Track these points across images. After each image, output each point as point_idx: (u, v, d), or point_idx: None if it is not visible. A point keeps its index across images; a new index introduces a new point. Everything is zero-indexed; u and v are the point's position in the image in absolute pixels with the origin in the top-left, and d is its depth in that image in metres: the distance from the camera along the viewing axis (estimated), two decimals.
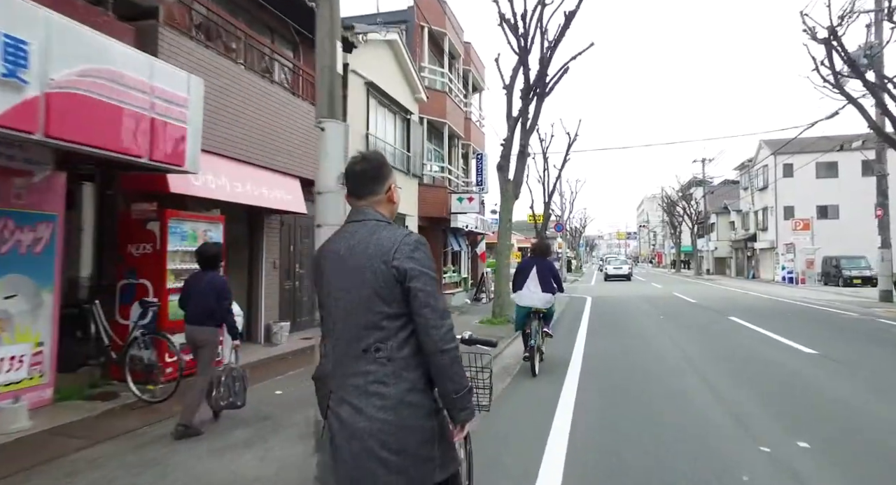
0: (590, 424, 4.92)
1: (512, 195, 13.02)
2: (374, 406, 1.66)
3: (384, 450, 1.64)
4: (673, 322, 12.78)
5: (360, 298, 1.71)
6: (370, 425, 1.65)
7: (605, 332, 11.15)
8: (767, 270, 38.86)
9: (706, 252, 52.56)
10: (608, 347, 9.29)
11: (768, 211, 38.61)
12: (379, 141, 13.45)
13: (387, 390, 1.66)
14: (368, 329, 1.70)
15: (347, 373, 1.72)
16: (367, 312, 1.70)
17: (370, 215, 1.82)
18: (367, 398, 1.67)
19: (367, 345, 1.69)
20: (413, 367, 1.70)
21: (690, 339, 10.10)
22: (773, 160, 36.98)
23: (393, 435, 1.65)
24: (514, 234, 53.16)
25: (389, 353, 1.68)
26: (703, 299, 19.93)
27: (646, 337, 10.46)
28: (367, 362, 1.69)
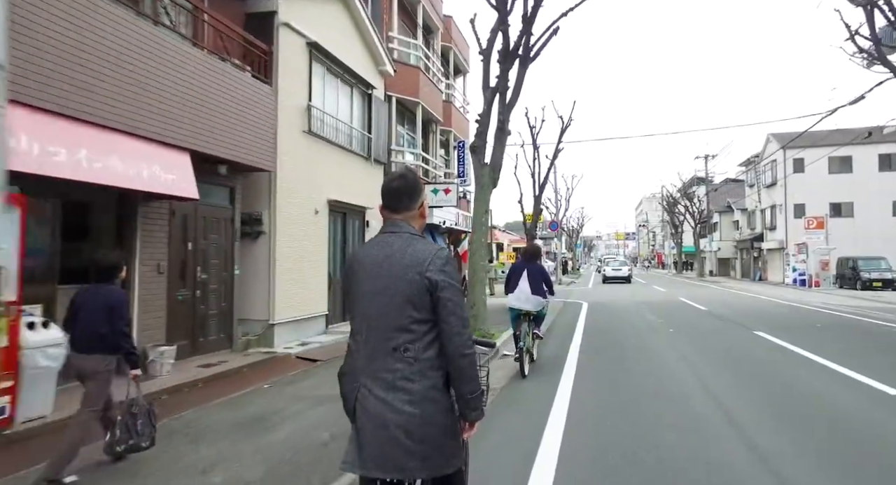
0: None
1: (489, 182, 10.65)
2: (401, 400, 1.89)
3: (409, 439, 1.88)
4: (688, 340, 10.39)
5: (394, 302, 1.94)
6: (397, 417, 1.88)
7: (601, 360, 8.74)
8: (776, 271, 36.51)
9: (709, 253, 50.27)
10: (605, 394, 6.38)
11: (777, 209, 36.28)
12: (328, 117, 11.07)
13: (412, 386, 1.90)
14: (399, 331, 1.93)
15: (377, 368, 1.95)
16: (399, 316, 1.93)
17: (405, 229, 2.08)
18: (395, 393, 1.90)
19: (397, 344, 1.93)
20: (436, 367, 1.95)
21: (719, 372, 7.49)
22: (782, 155, 34.67)
23: (418, 427, 1.89)
24: (508, 234, 51.23)
25: (416, 353, 1.93)
26: (714, 306, 17.55)
27: (658, 369, 7.69)
28: (395, 360, 1.93)
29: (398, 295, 1.93)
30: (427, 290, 1.92)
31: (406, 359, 1.91)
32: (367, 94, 12.87)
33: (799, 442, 4.53)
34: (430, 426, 1.90)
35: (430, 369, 1.93)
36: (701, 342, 10.02)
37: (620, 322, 13.24)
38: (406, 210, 2.11)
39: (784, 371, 7.48)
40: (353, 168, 12.07)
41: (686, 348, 9.30)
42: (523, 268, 7.44)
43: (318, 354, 8.89)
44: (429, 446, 1.90)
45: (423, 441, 1.89)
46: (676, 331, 11.50)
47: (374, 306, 1.98)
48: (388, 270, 1.97)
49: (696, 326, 12.48)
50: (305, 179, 10.08)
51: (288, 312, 9.49)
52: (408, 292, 1.92)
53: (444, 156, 19.33)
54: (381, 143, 13.45)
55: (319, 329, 10.60)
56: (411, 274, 1.93)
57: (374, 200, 13.01)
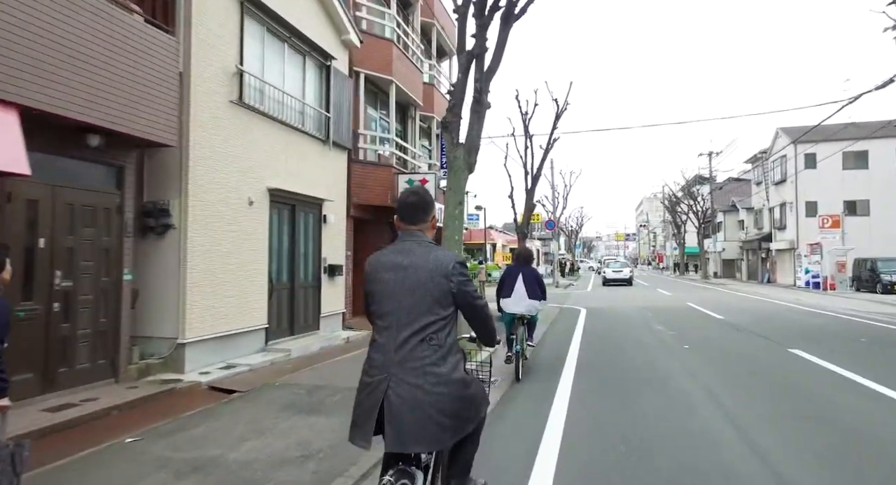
0: None
1: (463, 166, 8.70)
2: (431, 383, 2.26)
3: (441, 415, 2.25)
4: (709, 363, 8.43)
5: (424, 299, 2.33)
6: (428, 398, 2.24)
7: (603, 388, 6.78)
8: (786, 273, 34.53)
9: (713, 254, 48.33)
10: (605, 451, 4.66)
11: (787, 207, 34.31)
12: (270, 88, 9.10)
13: (439, 370, 2.28)
14: (427, 323, 2.32)
15: (408, 357, 2.29)
16: (427, 311, 2.32)
17: (422, 238, 2.48)
18: (425, 377, 2.26)
19: (426, 335, 2.31)
20: (454, 351, 2.38)
21: (766, 420, 5.30)
22: (792, 150, 32.68)
23: (449, 404, 2.27)
24: (504, 233, 49.35)
25: (440, 341, 2.33)
26: (730, 313, 15.56)
27: (677, 412, 5.55)
28: (423, 349, 2.30)
29: (427, 294, 2.34)
30: (449, 290, 2.36)
31: (432, 346, 2.31)
32: (325, 65, 10.90)
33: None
34: (457, 401, 2.30)
35: (451, 354, 2.36)
36: (727, 366, 8.03)
37: (623, 335, 11.26)
38: (421, 222, 2.52)
39: (856, 416, 5.49)
40: (304, 152, 10.09)
41: (710, 376, 7.32)
42: (518, 272, 7.43)
43: (239, 383, 6.93)
44: (457, 418, 2.31)
45: (454, 416, 2.29)
46: (693, 349, 9.51)
47: (405, 304, 2.35)
48: (414, 273, 2.36)
49: (715, 340, 10.49)
50: (235, 161, 8.12)
51: (207, 327, 7.52)
52: (435, 292, 2.34)
53: (427, 146, 17.38)
54: (343, 124, 11.48)
55: (255, 346, 8.63)
56: (437, 277, 2.34)
57: (333, 190, 11.03)
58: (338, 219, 11.32)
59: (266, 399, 6.25)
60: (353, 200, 12.33)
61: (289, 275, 9.68)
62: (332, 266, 10.91)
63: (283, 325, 9.45)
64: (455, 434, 2.33)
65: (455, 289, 2.36)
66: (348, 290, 12.19)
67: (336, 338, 10.38)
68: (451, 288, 2.35)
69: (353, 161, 12.40)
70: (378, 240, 13.64)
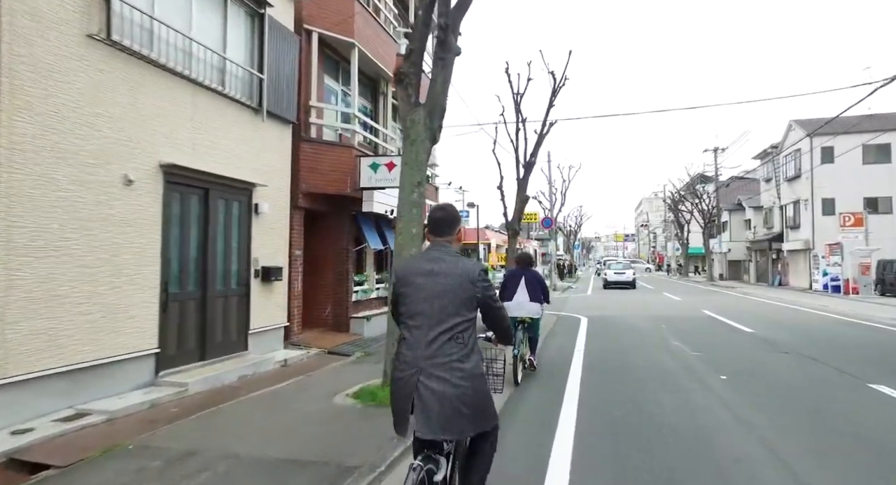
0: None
1: (424, 132, 6.38)
2: (457, 377, 2.53)
3: (465, 407, 2.53)
4: (760, 402, 6.12)
5: (451, 302, 2.63)
6: (455, 391, 2.52)
7: (621, 464, 4.46)
8: (800, 275, 32.23)
9: (718, 254, 46.03)
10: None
11: (801, 205, 32.01)
12: (164, 28, 6.75)
13: (463, 366, 2.56)
14: (454, 324, 2.60)
15: (436, 354, 2.56)
16: (455, 313, 2.62)
17: (449, 249, 2.79)
18: (452, 372, 2.54)
19: (453, 334, 2.59)
20: (476, 350, 2.66)
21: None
22: (808, 143, 30.42)
23: (471, 397, 2.55)
24: (500, 233, 47.07)
25: (465, 340, 2.61)
26: (758, 325, 13.24)
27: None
28: (451, 346, 2.58)
29: (456, 298, 2.63)
30: (474, 295, 2.66)
31: (459, 344, 2.59)
32: (258, 13, 8.56)
33: None
34: (477, 395, 2.58)
35: (473, 352, 2.63)
36: (793, 414, 5.68)
37: (637, 357, 8.92)
38: (448, 235, 2.86)
39: None
40: (225, 121, 7.76)
41: (775, 433, 4.99)
42: (520, 275, 7.50)
43: (65, 450, 4.58)
44: (477, 410, 2.58)
45: (474, 407, 2.56)
46: (733, 380, 7.17)
47: (436, 306, 2.63)
48: (444, 279, 2.66)
49: (758, 367, 8.15)
50: (102, 125, 5.78)
51: (43, 360, 5.18)
52: (462, 296, 2.64)
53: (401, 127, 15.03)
54: (285, 92, 9.14)
55: (138, 380, 6.29)
56: (465, 283, 2.65)
57: (270, 173, 8.72)
58: (277, 209, 8.98)
59: (89, 484, 3.94)
60: (303, 186, 9.99)
61: (198, 280, 7.33)
62: (266, 269, 8.57)
63: (186, 347, 7.10)
64: (475, 426, 2.61)
65: (480, 294, 2.67)
66: (296, 297, 9.85)
67: (268, 362, 8.04)
68: (476, 293, 2.66)
69: (302, 140, 10.07)
70: (338, 237, 11.32)
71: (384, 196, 11.47)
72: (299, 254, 10.06)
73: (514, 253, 14.36)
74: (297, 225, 10.01)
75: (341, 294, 11.25)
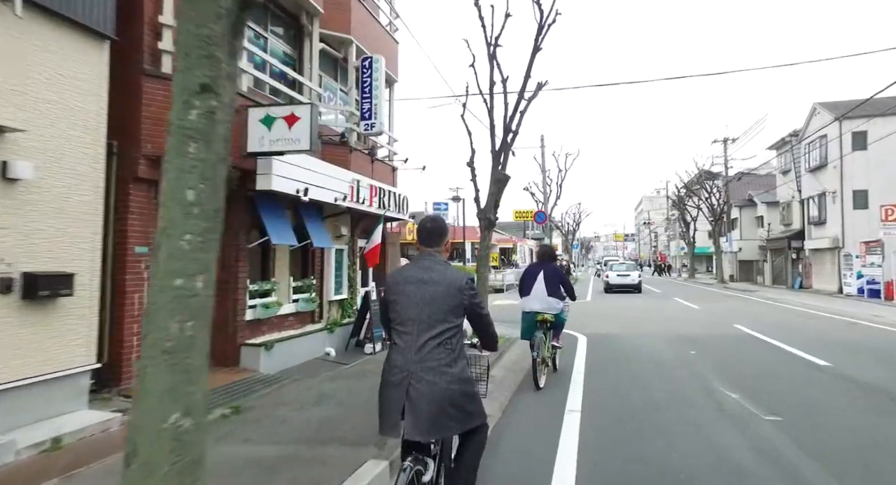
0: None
1: None
2: (445, 380, 2.68)
3: (452, 408, 2.68)
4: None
5: (441, 309, 2.78)
6: (443, 393, 2.66)
7: None
8: (825, 277, 28.61)
9: (728, 254, 42.46)
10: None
11: (827, 198, 28.41)
12: None
13: (451, 370, 2.71)
14: (443, 330, 2.76)
15: (426, 358, 2.71)
16: (443, 320, 2.77)
17: (438, 259, 2.95)
18: (440, 375, 2.68)
19: (442, 339, 2.75)
20: (463, 355, 2.83)
21: None
22: (836, 128, 26.81)
23: (458, 398, 2.70)
24: (497, 232, 43.61)
25: (453, 346, 2.76)
26: (825, 350, 9.63)
27: None
28: (439, 351, 2.72)
29: (444, 305, 2.78)
30: (461, 303, 2.81)
31: (447, 348, 2.73)
32: None
33: None
34: (465, 397, 2.74)
35: (460, 357, 2.79)
36: None
37: (679, 440, 5.24)
38: (436, 245, 3.01)
39: None
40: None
41: None
42: (539, 269, 7.26)
43: None
44: (464, 411, 2.73)
45: (461, 409, 2.72)
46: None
47: (425, 312, 2.77)
48: (433, 288, 2.81)
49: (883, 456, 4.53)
50: None
51: None
52: (451, 303, 2.79)
53: (342, 86, 11.39)
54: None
55: None
56: (453, 291, 2.79)
57: (37, 112, 5.04)
58: (68, 175, 5.35)
59: None
60: (147, 148, 6.37)
61: None
62: (32, 277, 4.94)
63: None
64: (462, 425, 2.77)
65: (467, 302, 2.83)
66: (131, 316, 6.24)
67: (7, 447, 4.40)
68: (464, 300, 2.81)
69: (146, 74, 6.46)
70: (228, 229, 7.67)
71: (293, 169, 7.87)
72: (142, 252, 6.44)
73: (487, 250, 10.73)
74: (136, 207, 6.40)
75: (226, 311, 7.64)
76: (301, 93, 9.53)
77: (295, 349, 8.64)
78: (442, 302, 2.77)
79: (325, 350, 9.47)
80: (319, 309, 10.04)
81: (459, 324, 2.83)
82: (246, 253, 8.02)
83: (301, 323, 9.46)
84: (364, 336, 10.21)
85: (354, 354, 9.71)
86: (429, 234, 3.00)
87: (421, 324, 2.75)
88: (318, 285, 10.05)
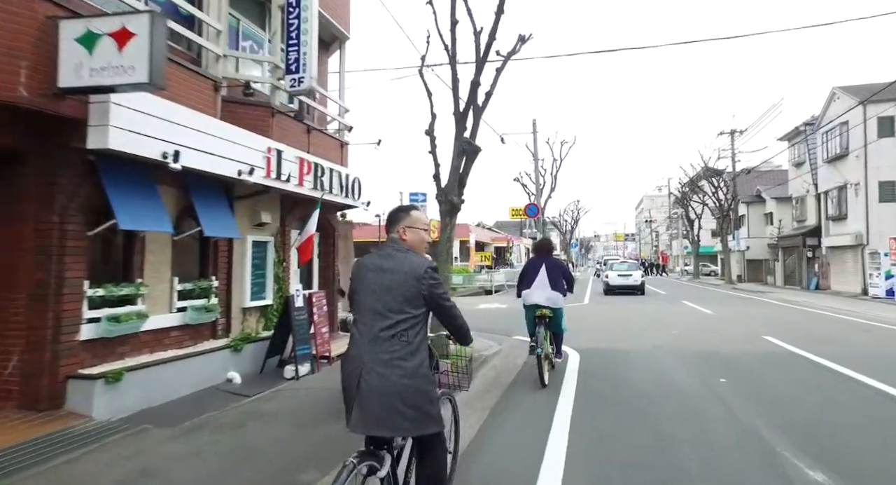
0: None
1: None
2: (397, 374, 2.51)
3: (403, 405, 2.50)
4: None
5: (395, 299, 2.61)
6: (394, 388, 2.49)
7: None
8: (847, 277, 26.13)
9: (736, 253, 40.00)
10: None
11: (848, 191, 25.95)
12: None
13: (406, 364, 2.54)
14: (398, 321, 2.59)
15: (378, 350, 2.55)
16: (398, 309, 2.59)
17: (399, 246, 2.79)
18: (392, 369, 2.52)
19: (395, 331, 2.57)
20: (422, 349, 2.63)
21: None
22: (860, 113, 24.33)
23: (410, 395, 2.52)
24: (492, 231, 41.11)
25: (409, 338, 2.58)
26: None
27: None
28: (392, 343, 2.56)
29: (399, 294, 2.61)
30: (420, 292, 2.62)
31: (401, 341, 2.56)
32: None
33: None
34: (419, 394, 2.54)
35: (419, 350, 2.60)
36: None
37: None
38: (391, 231, 2.87)
39: None
40: None
41: None
42: (540, 263, 7.10)
43: None
44: (417, 410, 2.53)
45: (413, 407, 2.52)
46: None
47: (380, 302, 2.61)
48: (391, 275, 2.65)
49: None
50: None
51: None
52: (406, 293, 2.61)
53: (261, 31, 8.90)
54: None
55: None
56: (410, 279, 2.63)
57: None
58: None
59: None
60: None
61: None
62: None
63: None
64: (415, 426, 2.56)
65: (426, 291, 2.64)
66: None
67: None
68: (422, 290, 2.63)
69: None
70: (29, 205, 5.25)
71: (153, 122, 5.41)
72: None
73: (449, 243, 8.25)
74: None
75: (39, 328, 5.16)
76: (195, 29, 7.10)
77: (173, 378, 6.19)
78: (398, 291, 2.64)
79: (226, 376, 7.02)
80: (225, 320, 7.57)
81: (418, 315, 2.65)
82: (87, 243, 5.54)
83: (193, 339, 6.99)
84: (288, 355, 7.79)
85: (271, 379, 7.28)
86: (388, 219, 2.93)
87: (376, 314, 2.63)
88: (224, 288, 7.58)
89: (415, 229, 2.85)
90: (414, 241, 2.84)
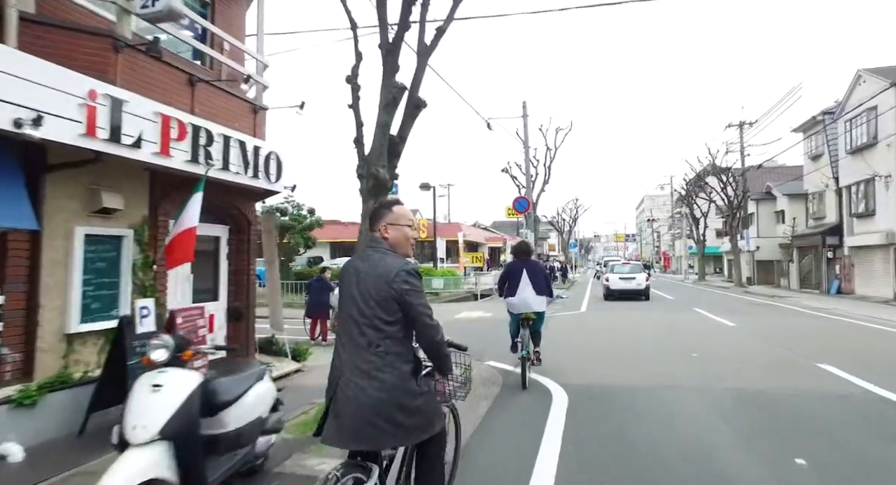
0: None
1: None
2: (374, 387, 2.33)
3: (379, 419, 2.32)
4: None
5: (369, 305, 2.42)
6: (370, 401, 2.33)
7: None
8: (875, 280, 23.44)
9: (746, 253, 37.33)
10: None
11: (876, 184, 23.29)
12: None
13: (383, 377, 2.34)
14: (372, 329, 2.39)
15: (357, 360, 2.39)
16: (373, 317, 2.40)
17: (379, 246, 2.58)
18: (369, 381, 2.34)
19: (369, 341, 2.38)
20: (403, 360, 2.41)
21: None
22: (892, 96, 21.67)
23: (386, 409, 2.33)
24: (492, 232, 38.27)
25: (386, 348, 2.37)
26: None
27: None
28: (369, 354, 2.37)
29: (371, 300, 2.41)
30: (393, 298, 2.39)
31: (378, 353, 2.36)
32: None
33: None
34: (396, 409, 2.34)
35: (398, 362, 2.38)
36: None
37: None
38: (373, 228, 2.66)
39: None
40: None
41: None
42: (521, 268, 7.08)
43: None
44: (395, 424, 2.34)
45: (390, 421, 2.33)
46: None
47: (356, 309, 2.45)
48: (365, 279, 2.46)
49: None
50: None
51: None
52: (377, 299, 2.40)
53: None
54: None
55: None
56: (381, 283, 2.41)
57: None
58: None
59: None
60: None
61: None
62: None
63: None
64: (396, 440, 2.44)
65: (397, 296, 2.39)
66: None
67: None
68: (393, 295, 2.39)
69: None
70: None
71: None
72: None
73: (365, 235, 5.60)
74: None
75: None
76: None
77: None
78: (369, 296, 2.44)
79: (17, 450, 4.40)
80: (22, 356, 4.93)
81: (395, 322, 2.42)
82: None
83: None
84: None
85: (89, 447, 4.61)
86: (370, 216, 2.76)
87: (353, 322, 2.46)
88: (19, 306, 4.94)
89: (397, 226, 2.63)
90: (397, 239, 2.63)
